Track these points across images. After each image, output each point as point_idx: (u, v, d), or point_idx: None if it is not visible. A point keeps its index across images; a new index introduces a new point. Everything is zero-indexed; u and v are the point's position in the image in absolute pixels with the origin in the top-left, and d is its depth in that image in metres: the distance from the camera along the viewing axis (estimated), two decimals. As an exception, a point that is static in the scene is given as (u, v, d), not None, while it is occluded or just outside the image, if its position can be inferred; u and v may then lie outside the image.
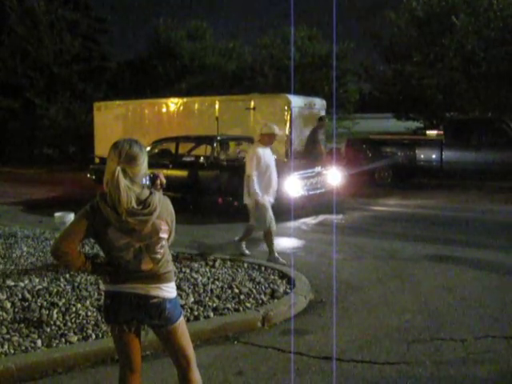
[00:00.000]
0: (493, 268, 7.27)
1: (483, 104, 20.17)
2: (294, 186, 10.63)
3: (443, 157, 15.02)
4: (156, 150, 12.48)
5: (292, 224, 9.94)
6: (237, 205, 10.87)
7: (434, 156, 15.14)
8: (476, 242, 8.70)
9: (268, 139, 7.61)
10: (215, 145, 11.64)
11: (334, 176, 11.86)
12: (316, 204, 11.35)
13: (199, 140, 13.14)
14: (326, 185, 11.57)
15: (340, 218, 11.00)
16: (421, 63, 20.45)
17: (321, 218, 11.07)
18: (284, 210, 9.88)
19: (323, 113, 16.97)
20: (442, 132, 16.04)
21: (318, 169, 11.61)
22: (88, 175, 13.22)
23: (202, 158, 11.83)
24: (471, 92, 19.96)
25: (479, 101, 20.15)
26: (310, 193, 11.10)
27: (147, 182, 3.16)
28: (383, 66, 23.99)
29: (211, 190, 11.27)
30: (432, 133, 17.09)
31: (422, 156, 15.35)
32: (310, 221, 10.76)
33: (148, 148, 12.38)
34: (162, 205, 3.06)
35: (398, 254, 8.00)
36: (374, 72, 24.33)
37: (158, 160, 12.00)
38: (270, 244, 7.58)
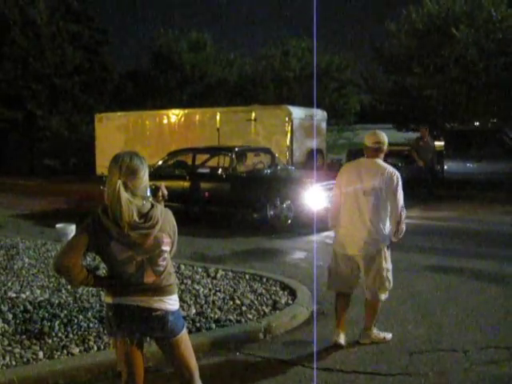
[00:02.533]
0: (494, 278, 7.26)
1: (483, 115, 20.23)
2: (317, 198, 10.45)
3: (444, 167, 15.05)
4: (171, 162, 12.34)
5: (315, 238, 9.76)
6: (256, 217, 11.04)
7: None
8: (477, 253, 8.70)
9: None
10: (233, 156, 11.52)
11: None
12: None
13: (217, 151, 12.99)
14: None
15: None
16: (421, 74, 20.53)
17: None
18: (306, 223, 9.87)
19: (324, 124, 17.04)
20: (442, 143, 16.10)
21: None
22: (101, 187, 13.14)
23: (220, 169, 11.69)
24: (471, 103, 20.02)
25: (479, 111, 20.20)
26: None
27: (149, 195, 3.16)
28: (383, 78, 24.09)
29: (229, 202, 11.19)
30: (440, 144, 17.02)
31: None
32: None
33: (160, 161, 12.40)
34: (164, 217, 3.07)
35: (400, 264, 7.96)
36: (374, 83, 24.42)
37: (173, 171, 12.02)
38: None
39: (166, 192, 3.35)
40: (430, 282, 7.16)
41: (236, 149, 11.96)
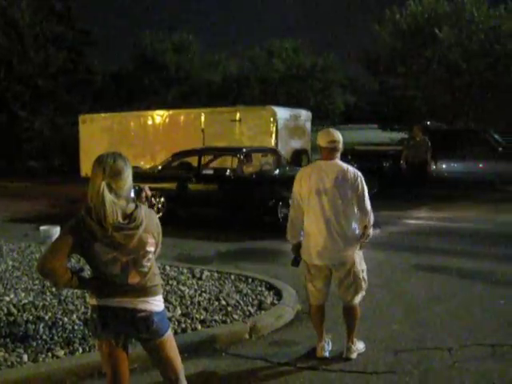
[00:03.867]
0: (479, 277, 7.33)
1: (467, 115, 20.41)
2: None
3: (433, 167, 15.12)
4: (176, 163, 12.09)
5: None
6: (267, 219, 10.80)
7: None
8: (462, 251, 8.77)
9: None
10: (241, 157, 11.28)
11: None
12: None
13: (223, 152, 12.81)
14: None
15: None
16: (405, 75, 20.68)
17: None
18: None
19: (308, 124, 17.07)
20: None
21: None
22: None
23: (228, 170, 11.36)
24: (455, 103, 20.19)
25: (463, 111, 20.38)
26: None
27: (133, 196, 3.15)
28: (368, 78, 24.23)
29: (238, 204, 10.99)
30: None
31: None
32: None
33: (164, 163, 12.22)
34: (148, 218, 3.06)
35: (385, 263, 8.03)
36: (359, 84, 24.54)
37: (178, 173, 11.79)
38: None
39: (149, 193, 3.34)
40: (415, 281, 7.21)
41: (244, 149, 11.76)
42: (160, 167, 12.19)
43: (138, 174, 12.86)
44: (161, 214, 11.39)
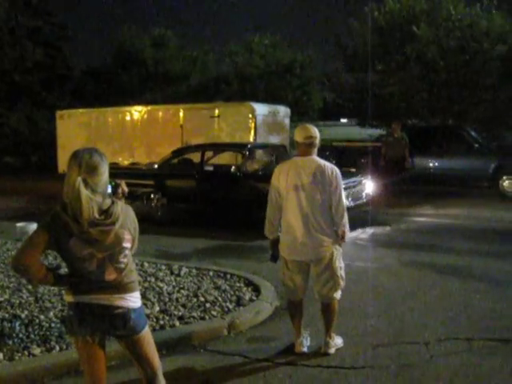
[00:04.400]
0: (455, 272, 7.41)
1: (444, 112, 20.58)
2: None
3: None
4: (177, 160, 11.69)
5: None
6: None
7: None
8: (438, 247, 8.87)
9: None
10: (247, 153, 10.97)
11: (369, 185, 11.15)
12: (359, 216, 10.44)
13: (227, 148, 12.57)
14: (365, 195, 10.88)
15: (388, 229, 10.57)
16: (383, 72, 20.80)
17: (371, 230, 10.41)
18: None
19: (287, 120, 17.10)
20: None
21: (359, 177, 10.90)
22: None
23: (233, 167, 10.85)
24: (432, 100, 20.35)
25: (440, 108, 20.55)
26: (356, 203, 10.34)
27: (109, 192, 3.13)
28: (346, 75, 24.29)
29: (243, 202, 10.51)
30: None
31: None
32: (362, 235, 10.04)
33: (164, 159, 11.85)
34: (125, 214, 3.04)
35: (362, 259, 8.08)
36: (337, 80, 24.61)
37: (180, 170, 11.50)
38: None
39: (126, 189, 3.32)
40: (392, 276, 7.26)
41: (249, 145, 11.52)
42: (158, 164, 11.89)
43: (135, 171, 12.65)
44: (159, 213, 11.28)
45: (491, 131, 19.75)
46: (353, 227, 8.43)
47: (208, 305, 5.85)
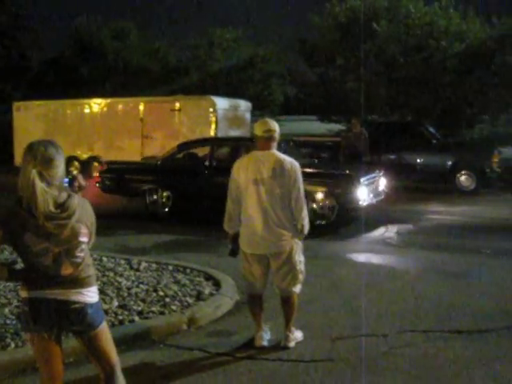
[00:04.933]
0: (412, 265, 7.54)
1: (403, 108, 20.89)
2: (363, 193, 9.77)
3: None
4: (181, 155, 11.30)
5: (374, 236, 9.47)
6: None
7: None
8: (399, 241, 9.00)
9: None
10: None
11: (383, 181, 11.01)
12: (376, 213, 10.45)
13: (238, 142, 11.89)
14: (382, 191, 10.75)
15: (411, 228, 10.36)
16: (343, 67, 20.98)
17: (394, 228, 10.13)
18: (351, 221, 9.57)
19: (248, 115, 17.09)
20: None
21: (377, 173, 10.75)
22: (96, 184, 11.75)
23: None
24: (392, 96, 20.62)
25: (399, 104, 20.84)
26: (375, 200, 10.24)
27: (66, 185, 3.07)
28: (307, 70, 24.42)
29: None
30: None
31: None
32: (387, 233, 9.78)
33: (168, 153, 11.36)
34: (82, 208, 2.98)
35: (321, 252, 8.12)
36: (298, 75, 24.72)
37: (187, 166, 11.14)
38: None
39: (83, 183, 3.25)
40: (351, 270, 7.35)
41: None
42: (162, 159, 11.43)
43: (138, 166, 12.14)
44: (166, 209, 10.95)
45: (449, 127, 20.13)
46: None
47: (168, 299, 5.80)
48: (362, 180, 9.87)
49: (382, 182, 10.87)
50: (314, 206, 9.78)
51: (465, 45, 19.84)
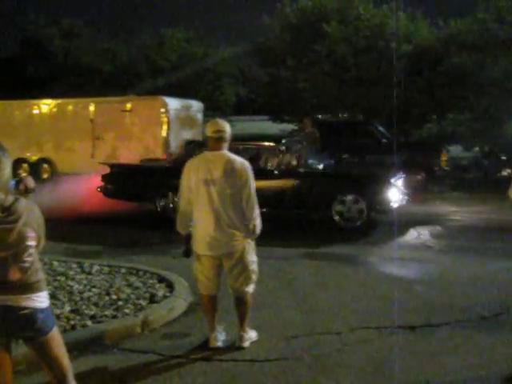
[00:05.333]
0: (362, 263, 7.68)
1: (353, 107, 21.18)
2: (394, 194, 9.60)
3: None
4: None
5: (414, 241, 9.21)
6: (318, 218, 10.00)
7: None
8: (344, 239, 9.12)
9: None
10: (283, 149, 10.19)
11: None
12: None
13: (259, 144, 11.02)
14: (407, 192, 10.42)
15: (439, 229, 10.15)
16: (294, 68, 21.14)
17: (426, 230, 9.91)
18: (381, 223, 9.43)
19: (200, 115, 17.04)
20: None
21: (401, 174, 10.50)
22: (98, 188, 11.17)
23: (270, 165, 10.08)
24: (342, 96, 20.87)
25: (350, 104, 21.12)
26: (404, 202, 9.99)
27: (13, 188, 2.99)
28: (259, 70, 24.52)
29: (282, 203, 9.88)
30: None
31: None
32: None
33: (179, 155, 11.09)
34: (29, 211, 2.91)
35: (273, 252, 8.15)
36: (250, 75, 24.78)
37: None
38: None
39: (31, 185, 3.17)
40: (304, 269, 7.42)
41: (283, 140, 10.72)
42: (175, 160, 10.98)
43: (146, 169, 11.29)
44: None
45: (398, 127, 20.51)
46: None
47: (120, 303, 5.73)
48: (392, 180, 9.77)
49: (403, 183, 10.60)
50: (342, 208, 9.70)
51: (413, 46, 20.28)
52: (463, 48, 19.89)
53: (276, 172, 9.91)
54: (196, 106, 16.93)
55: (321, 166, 10.67)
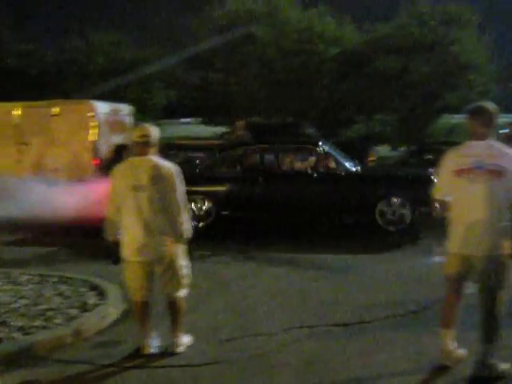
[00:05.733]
0: (292, 263, 7.79)
1: (283, 109, 21.46)
2: None
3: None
4: (231, 160, 10.33)
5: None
6: (362, 221, 9.79)
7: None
8: (272, 242, 9.23)
9: None
10: (322, 151, 9.85)
11: None
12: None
13: (297, 145, 10.68)
14: None
15: None
16: (224, 70, 21.24)
17: None
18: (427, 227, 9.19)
19: (129, 119, 16.80)
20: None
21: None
22: None
23: (308, 168, 9.81)
24: (272, 98, 21.12)
25: (281, 106, 21.39)
26: None
27: None
28: (189, 73, 24.45)
29: (323, 207, 9.66)
30: None
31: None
32: None
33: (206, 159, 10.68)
34: None
35: (205, 255, 8.17)
36: (180, 78, 24.69)
37: (236, 173, 10.16)
38: None
39: None
40: (235, 271, 7.48)
41: (320, 142, 10.25)
42: (203, 165, 10.67)
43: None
44: (202, 223, 9.81)
45: (328, 128, 20.93)
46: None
47: (51, 313, 5.59)
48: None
49: None
50: (385, 210, 9.55)
51: (340, 49, 20.76)
52: (388, 51, 20.53)
53: (315, 175, 9.69)
54: (125, 109, 16.64)
55: (353, 169, 10.22)
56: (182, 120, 39.58)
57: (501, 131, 20.82)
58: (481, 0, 30.81)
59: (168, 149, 16.34)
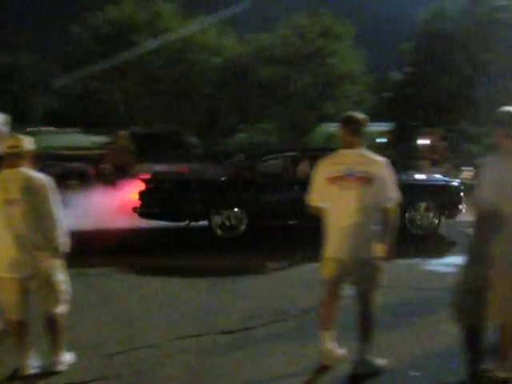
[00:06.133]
0: (177, 273, 7.74)
1: (165, 118, 21.36)
2: (463, 202, 9.37)
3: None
4: (262, 166, 9.98)
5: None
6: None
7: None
8: (165, 250, 9.15)
9: None
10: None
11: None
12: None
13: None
14: None
15: None
16: (104, 79, 20.82)
17: None
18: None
19: (6, 128, 15.99)
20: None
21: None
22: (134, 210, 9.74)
23: None
24: (154, 107, 20.97)
25: (162, 115, 21.27)
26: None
27: None
28: (69, 80, 23.72)
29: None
30: None
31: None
32: None
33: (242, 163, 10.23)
34: None
35: (88, 269, 7.90)
36: (59, 86, 23.90)
37: (274, 179, 9.82)
38: None
39: None
40: (121, 283, 7.30)
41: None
42: (229, 171, 10.20)
43: (195, 184, 9.81)
44: (239, 231, 9.48)
45: (210, 137, 21.08)
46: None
47: None
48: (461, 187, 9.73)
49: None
50: (415, 216, 9.53)
51: (222, 59, 20.99)
52: (270, 61, 21.03)
53: None
54: (1, 118, 15.85)
55: None
56: (63, 129, 38.28)
57: (378, 140, 21.98)
58: (355, 15, 32.39)
59: (46, 159, 15.78)
